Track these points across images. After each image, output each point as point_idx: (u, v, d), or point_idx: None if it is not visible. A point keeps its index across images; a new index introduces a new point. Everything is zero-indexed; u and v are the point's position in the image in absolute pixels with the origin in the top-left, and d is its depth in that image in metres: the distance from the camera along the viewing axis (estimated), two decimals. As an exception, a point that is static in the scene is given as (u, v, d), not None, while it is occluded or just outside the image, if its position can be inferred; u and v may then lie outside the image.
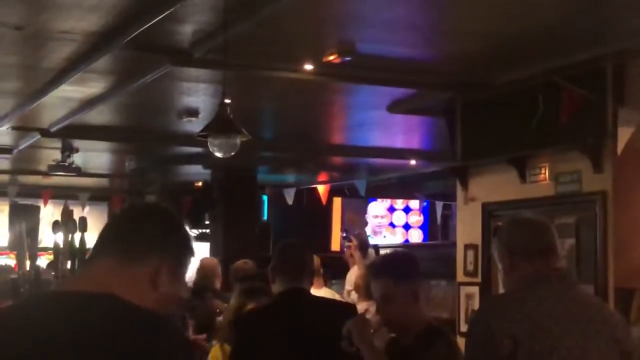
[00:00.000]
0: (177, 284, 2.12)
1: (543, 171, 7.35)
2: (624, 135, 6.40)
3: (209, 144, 5.40)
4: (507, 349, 2.97)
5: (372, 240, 14.08)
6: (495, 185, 7.88)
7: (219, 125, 5.31)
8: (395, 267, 3.68)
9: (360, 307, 5.90)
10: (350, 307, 3.94)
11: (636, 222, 6.65)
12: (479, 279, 7.89)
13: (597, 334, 3.07)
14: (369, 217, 15.95)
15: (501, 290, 3.48)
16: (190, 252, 2.16)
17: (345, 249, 9.57)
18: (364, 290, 7.58)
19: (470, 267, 8.04)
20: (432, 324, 3.66)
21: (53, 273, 8.44)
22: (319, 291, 7.24)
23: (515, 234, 3.31)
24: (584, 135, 6.81)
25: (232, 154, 5.46)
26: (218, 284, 7.48)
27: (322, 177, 14.68)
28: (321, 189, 14.85)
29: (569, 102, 6.83)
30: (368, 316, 3.81)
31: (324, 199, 14.89)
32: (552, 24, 6.02)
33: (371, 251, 9.73)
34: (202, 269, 7.52)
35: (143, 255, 2.06)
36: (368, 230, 15.52)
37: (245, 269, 7.13)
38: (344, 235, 11.40)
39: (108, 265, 2.04)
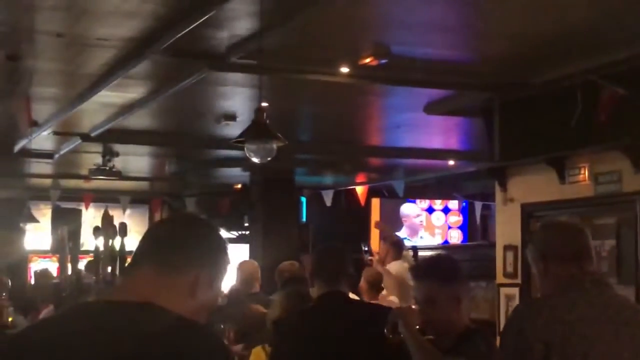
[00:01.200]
0: (214, 293, 2.16)
1: (582, 171, 7.30)
2: (664, 134, 6.35)
3: (245, 149, 5.43)
4: (540, 353, 2.97)
5: (409, 242, 14.06)
6: (534, 186, 7.84)
7: (256, 131, 5.34)
8: (440, 270, 3.69)
9: None
10: (387, 310, 3.94)
11: (678, 221, 6.59)
12: (518, 280, 7.86)
13: (631, 338, 3.05)
14: (409, 218, 15.90)
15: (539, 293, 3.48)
16: (226, 262, 2.20)
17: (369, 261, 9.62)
18: (368, 291, 7.65)
19: (509, 268, 8.01)
20: (470, 327, 3.66)
21: (94, 277, 8.53)
22: None
23: (548, 238, 3.31)
24: (624, 134, 6.76)
25: (269, 159, 5.49)
26: (257, 287, 7.51)
27: (360, 178, 14.68)
28: (359, 190, 14.85)
29: (607, 102, 6.78)
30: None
31: (362, 200, 14.88)
32: (589, 23, 5.97)
33: (406, 253, 9.73)
34: (242, 272, 7.55)
35: (182, 266, 2.10)
36: (403, 231, 15.48)
37: (292, 270, 7.15)
38: (365, 249, 11.41)
39: (148, 276, 2.08)
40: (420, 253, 13.02)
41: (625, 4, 5.60)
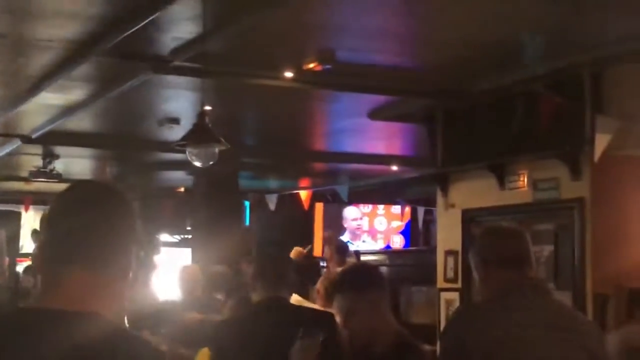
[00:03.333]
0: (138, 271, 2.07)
1: (522, 178, 7.40)
2: (601, 142, 6.46)
3: (187, 153, 5.43)
4: (477, 358, 3.00)
5: (352, 246, 14.11)
6: (475, 192, 7.93)
7: (198, 134, 5.34)
8: (356, 280, 3.64)
9: None
10: (328, 315, 3.96)
11: (613, 228, 6.72)
12: (459, 285, 7.94)
13: (567, 343, 3.07)
14: (347, 221, 15.98)
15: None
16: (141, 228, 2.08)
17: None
18: (324, 297, 7.68)
19: (450, 273, 8.09)
20: (400, 333, 3.63)
21: (32, 279, 8.43)
22: None
23: (489, 242, 3.33)
24: (562, 142, 6.87)
25: (211, 163, 5.49)
26: (200, 292, 7.48)
27: (304, 182, 14.71)
28: (303, 194, 14.87)
29: (547, 110, 6.89)
30: None
31: (306, 205, 14.90)
32: (530, 32, 6.06)
33: (350, 260, 9.79)
34: (184, 277, 7.52)
35: (115, 257, 1.99)
36: (347, 235, 15.55)
37: (226, 275, 7.14)
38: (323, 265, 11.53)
39: (81, 275, 1.96)
40: (363, 258, 13.10)
41: (564, 14, 5.70)
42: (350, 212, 16.04)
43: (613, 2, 5.45)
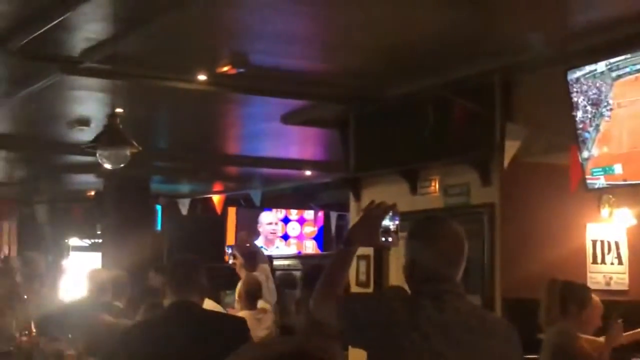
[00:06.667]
0: None
1: (433, 183, 7.49)
2: (510, 149, 6.57)
3: (97, 155, 5.35)
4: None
5: (266, 251, 14.08)
6: (387, 197, 7.89)
7: (108, 136, 5.27)
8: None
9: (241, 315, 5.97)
10: (239, 321, 3.93)
11: (522, 234, 6.84)
12: (370, 289, 7.98)
13: (474, 345, 3.06)
14: (262, 225, 15.94)
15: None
16: None
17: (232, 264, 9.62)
18: (245, 300, 7.66)
19: (362, 278, 8.13)
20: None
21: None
22: None
23: (426, 250, 3.19)
24: (473, 148, 6.97)
25: (122, 165, 5.42)
26: (109, 297, 7.34)
27: (217, 187, 14.63)
28: (216, 199, 14.78)
29: (458, 116, 6.99)
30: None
31: (218, 209, 14.82)
32: (442, 39, 6.14)
33: (264, 266, 9.77)
34: (92, 281, 7.38)
35: None
36: (261, 240, 15.51)
37: (126, 280, 7.07)
38: (230, 252, 11.46)
39: None
40: (276, 262, 13.10)
41: (476, 21, 5.78)
42: (266, 217, 15.99)
43: (523, 10, 5.56)
